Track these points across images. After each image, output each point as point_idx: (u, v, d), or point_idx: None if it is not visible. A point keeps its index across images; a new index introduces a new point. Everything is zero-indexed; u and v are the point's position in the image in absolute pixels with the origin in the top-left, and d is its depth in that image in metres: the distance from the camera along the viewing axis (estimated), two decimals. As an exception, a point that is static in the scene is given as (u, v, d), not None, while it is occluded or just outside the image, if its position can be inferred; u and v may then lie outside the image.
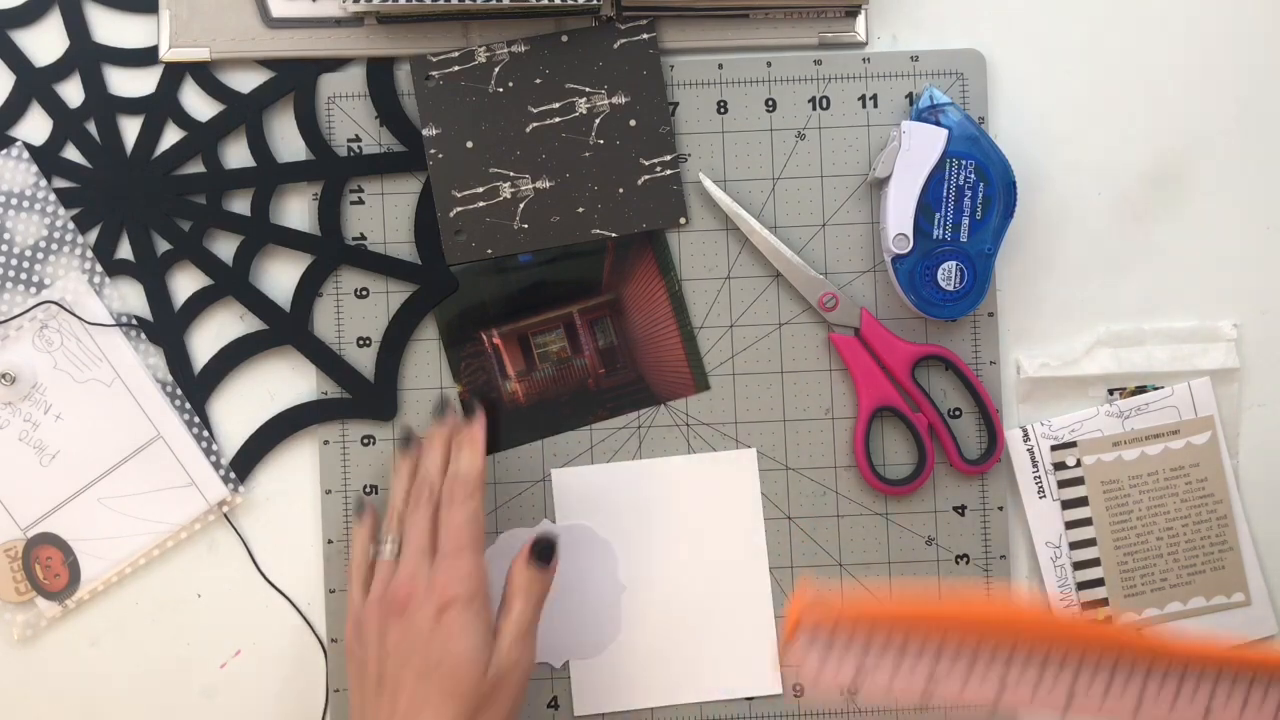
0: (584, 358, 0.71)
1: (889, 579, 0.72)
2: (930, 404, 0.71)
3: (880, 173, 0.69)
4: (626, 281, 0.71)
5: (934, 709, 0.71)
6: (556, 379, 0.71)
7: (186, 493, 0.71)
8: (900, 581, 0.72)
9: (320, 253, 0.71)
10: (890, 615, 0.53)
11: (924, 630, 0.52)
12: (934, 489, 0.72)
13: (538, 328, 0.70)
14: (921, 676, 0.52)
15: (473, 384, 0.70)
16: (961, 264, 0.68)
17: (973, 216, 0.68)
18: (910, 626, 0.53)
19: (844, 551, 0.72)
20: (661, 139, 0.71)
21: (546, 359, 0.71)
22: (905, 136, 0.68)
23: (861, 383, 0.71)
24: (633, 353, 0.71)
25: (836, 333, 0.71)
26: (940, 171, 0.68)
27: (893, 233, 0.68)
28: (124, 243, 0.71)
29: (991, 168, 0.68)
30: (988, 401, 0.71)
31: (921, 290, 0.68)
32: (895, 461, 0.72)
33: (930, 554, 0.72)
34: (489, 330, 0.71)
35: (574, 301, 0.71)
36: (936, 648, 0.52)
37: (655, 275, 0.71)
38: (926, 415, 0.71)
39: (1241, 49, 0.73)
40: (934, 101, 0.69)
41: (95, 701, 0.72)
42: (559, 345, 0.71)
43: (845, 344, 0.71)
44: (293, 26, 0.70)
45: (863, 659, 0.52)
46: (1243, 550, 0.73)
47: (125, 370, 0.70)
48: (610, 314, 0.71)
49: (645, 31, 0.71)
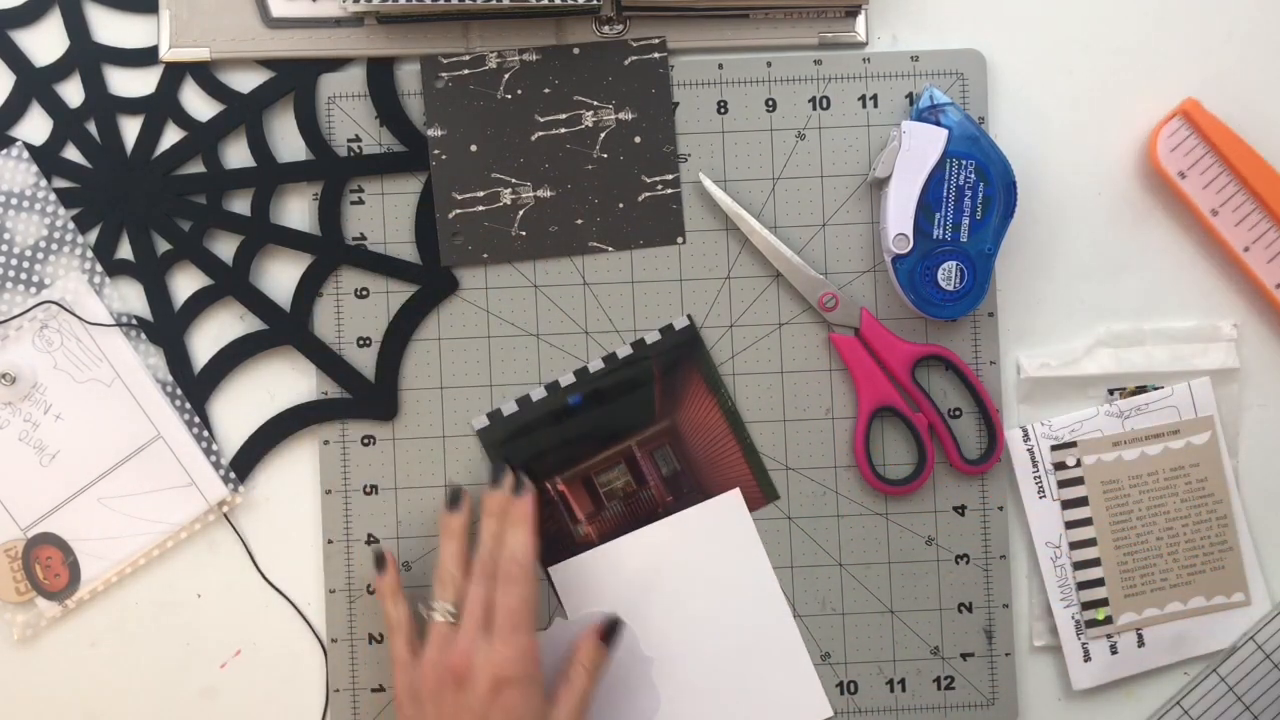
0: (650, 489, 0.71)
1: (889, 579, 0.72)
2: (930, 404, 0.71)
3: (880, 173, 0.69)
4: (679, 406, 0.71)
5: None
6: (626, 514, 0.71)
7: (186, 493, 0.71)
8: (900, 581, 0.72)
9: (320, 253, 0.71)
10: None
11: None
12: (934, 489, 0.72)
13: (599, 467, 0.70)
14: None
15: (547, 534, 0.71)
16: (961, 264, 0.68)
17: (973, 216, 0.68)
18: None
19: (844, 551, 0.72)
20: (665, 158, 0.71)
21: (613, 496, 0.71)
22: (905, 136, 0.68)
23: (862, 383, 0.71)
24: (697, 475, 0.71)
25: (837, 333, 0.71)
26: (940, 171, 0.68)
27: (893, 233, 0.68)
28: (124, 243, 0.71)
29: (991, 168, 0.68)
30: (988, 401, 0.71)
31: (921, 290, 0.68)
32: (895, 461, 0.72)
33: (930, 554, 0.72)
34: (551, 479, 0.71)
35: (631, 435, 0.71)
36: None
37: (706, 394, 0.71)
38: (927, 415, 0.71)
39: (1242, 48, 0.73)
40: (934, 101, 0.69)
41: (95, 701, 0.72)
42: (623, 480, 0.71)
43: (845, 344, 0.71)
44: (293, 26, 0.70)
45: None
46: (1243, 550, 0.73)
47: (125, 370, 0.70)
48: (669, 441, 0.71)
49: (656, 50, 0.71)
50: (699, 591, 0.70)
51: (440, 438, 0.71)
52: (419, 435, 0.71)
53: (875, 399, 0.71)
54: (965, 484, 0.72)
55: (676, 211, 0.71)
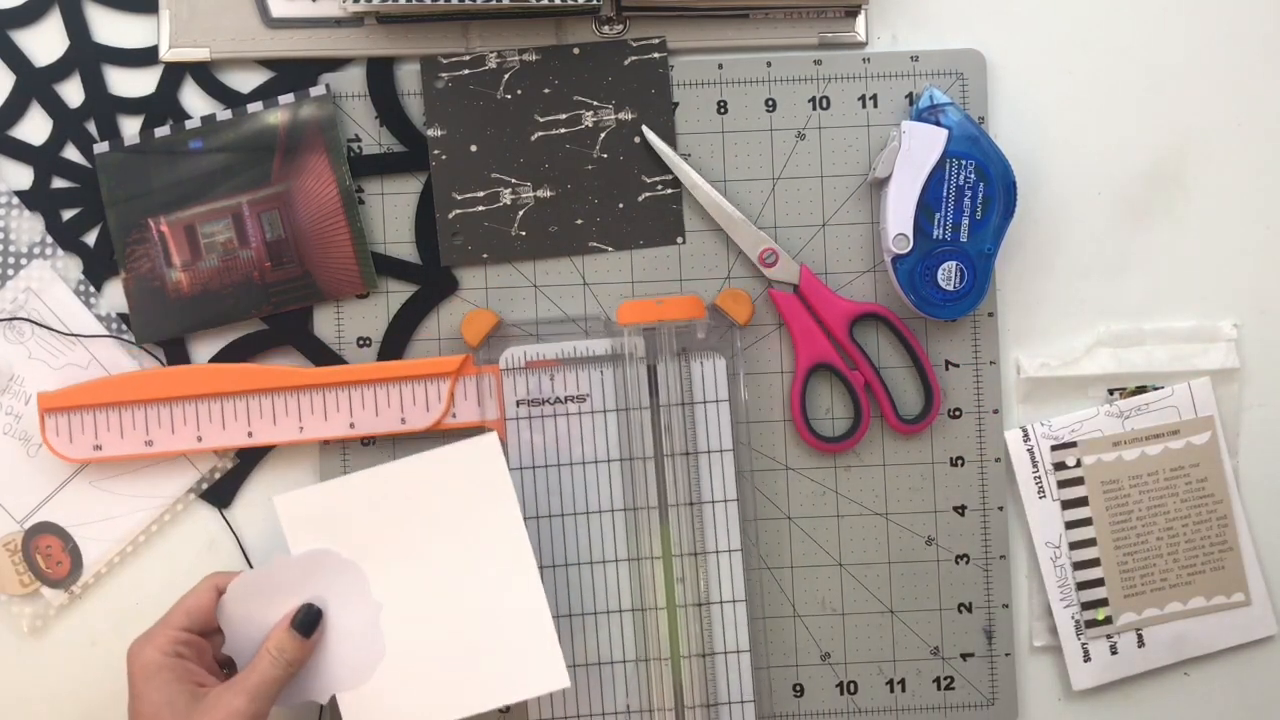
0: (250, 249, 0.69)
1: (889, 579, 0.72)
2: (867, 362, 0.71)
3: (880, 173, 0.69)
4: (297, 175, 0.69)
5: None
6: (222, 270, 0.69)
7: (176, 464, 0.71)
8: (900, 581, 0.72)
9: (320, 253, 0.71)
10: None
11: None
12: (934, 488, 0.72)
13: (205, 217, 0.69)
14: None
15: (137, 270, 0.69)
16: (961, 264, 0.68)
17: (973, 216, 0.68)
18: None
19: (844, 551, 0.72)
20: (663, 148, 0.71)
21: (213, 249, 0.69)
22: (905, 136, 0.68)
23: (799, 339, 0.71)
24: (300, 247, 0.70)
25: (776, 289, 0.71)
26: (940, 171, 0.68)
27: (893, 233, 0.68)
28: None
29: (991, 167, 0.68)
30: (924, 359, 0.71)
31: (921, 290, 0.68)
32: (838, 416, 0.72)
33: (930, 554, 0.72)
34: (156, 217, 0.69)
35: (244, 192, 0.70)
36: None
37: (327, 170, 0.69)
38: (863, 373, 0.71)
39: (1241, 49, 0.73)
40: (934, 101, 0.69)
41: (96, 701, 0.72)
42: (226, 236, 0.69)
43: (784, 300, 0.71)
44: (293, 26, 0.70)
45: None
46: (1243, 550, 0.73)
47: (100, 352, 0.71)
48: (280, 207, 0.69)
49: (656, 51, 0.71)
50: (440, 537, 0.65)
51: (440, 437, 0.71)
52: (424, 440, 0.71)
53: (812, 356, 0.71)
54: (965, 484, 0.72)
55: (676, 211, 0.71)
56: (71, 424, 0.69)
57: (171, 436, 0.69)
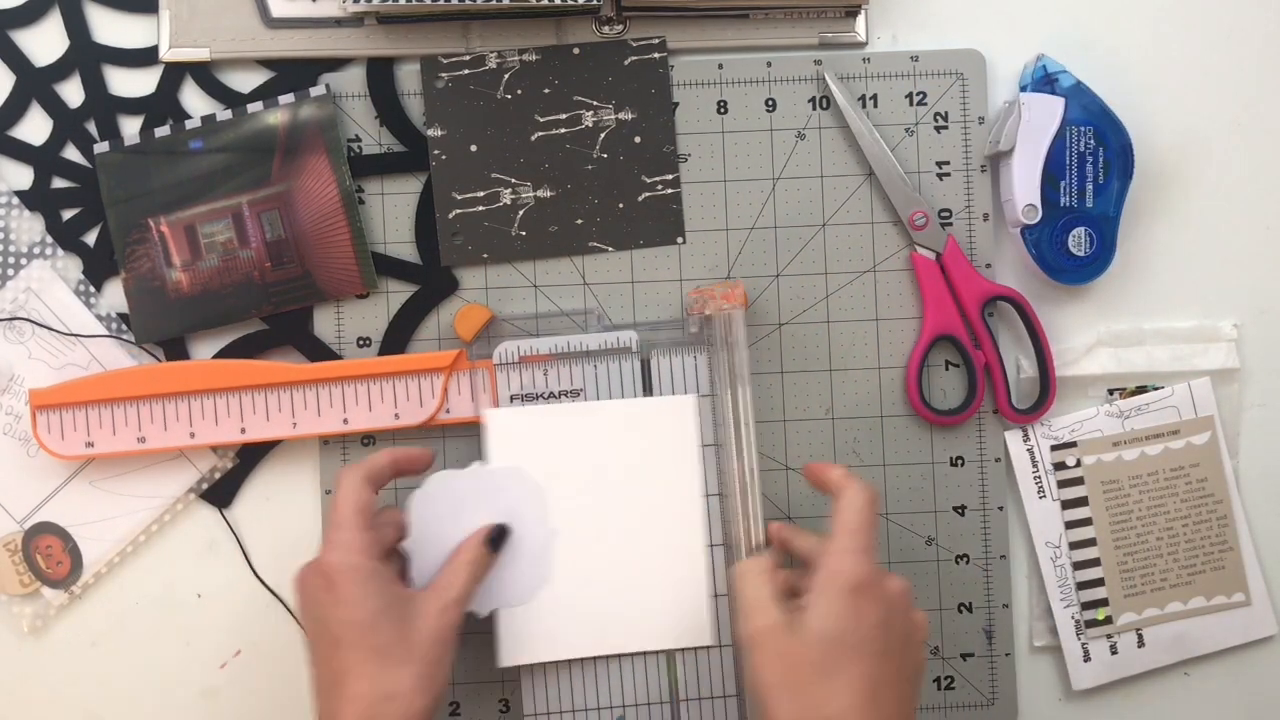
0: (251, 249, 0.70)
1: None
2: (993, 344, 0.71)
3: (1004, 145, 0.69)
4: (298, 175, 0.70)
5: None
6: (222, 270, 0.69)
7: (176, 463, 0.71)
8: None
9: (320, 253, 0.71)
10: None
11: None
12: (934, 488, 0.72)
13: (205, 217, 0.69)
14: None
15: (137, 270, 0.69)
16: (1090, 229, 0.69)
17: (1095, 181, 0.69)
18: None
19: (844, 551, 0.72)
20: (665, 158, 0.71)
21: (213, 249, 0.69)
22: (1024, 108, 0.68)
23: (931, 306, 0.71)
24: (300, 248, 0.70)
25: (919, 252, 0.71)
26: (1061, 139, 0.69)
27: (1022, 204, 0.68)
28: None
29: (1109, 133, 0.69)
30: (1048, 353, 0.71)
31: (1051, 259, 0.69)
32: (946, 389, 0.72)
33: (930, 554, 0.72)
34: (156, 217, 0.69)
35: (244, 192, 0.70)
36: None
37: (327, 170, 0.69)
38: (986, 354, 0.71)
39: (1241, 49, 0.73)
40: (1048, 71, 0.69)
41: (95, 701, 0.72)
42: (226, 236, 0.69)
43: (924, 265, 0.71)
44: (293, 26, 0.70)
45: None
46: (1243, 550, 0.73)
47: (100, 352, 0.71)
48: (280, 207, 0.70)
49: (656, 51, 0.71)
50: (623, 482, 0.68)
51: (440, 438, 0.71)
52: (419, 435, 0.71)
53: (939, 325, 0.71)
54: (965, 484, 0.72)
55: (676, 211, 0.71)
56: (64, 421, 0.69)
57: (164, 433, 0.69)
